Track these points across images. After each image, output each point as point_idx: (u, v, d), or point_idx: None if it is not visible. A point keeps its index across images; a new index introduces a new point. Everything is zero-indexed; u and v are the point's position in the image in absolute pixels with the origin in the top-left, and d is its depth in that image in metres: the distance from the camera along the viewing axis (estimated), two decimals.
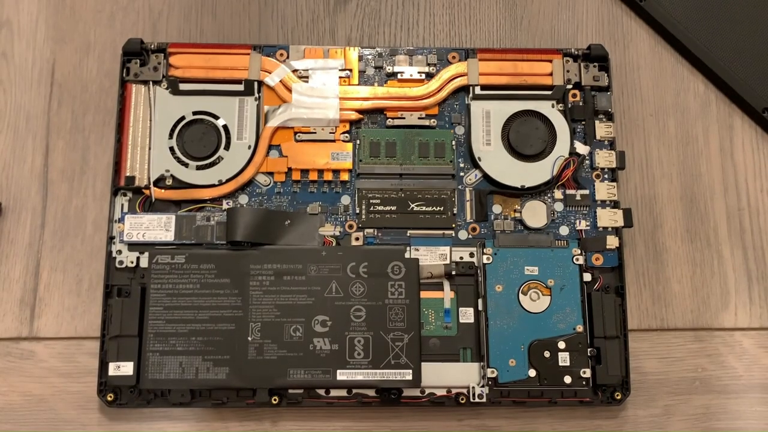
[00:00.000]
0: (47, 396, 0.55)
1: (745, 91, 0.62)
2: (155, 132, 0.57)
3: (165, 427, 0.55)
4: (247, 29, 0.63)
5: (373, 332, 0.53)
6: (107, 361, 0.53)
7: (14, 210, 0.59)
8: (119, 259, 0.55)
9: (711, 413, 0.57)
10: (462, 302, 0.56)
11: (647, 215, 0.61)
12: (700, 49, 0.63)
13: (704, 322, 0.59)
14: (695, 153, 0.62)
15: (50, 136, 0.60)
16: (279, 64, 0.59)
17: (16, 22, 0.62)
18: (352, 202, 0.58)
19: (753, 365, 0.58)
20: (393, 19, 0.64)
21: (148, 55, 0.59)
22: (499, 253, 0.56)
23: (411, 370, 0.53)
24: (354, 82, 0.60)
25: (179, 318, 0.53)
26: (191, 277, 0.54)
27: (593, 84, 0.60)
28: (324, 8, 0.64)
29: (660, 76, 0.64)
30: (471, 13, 0.65)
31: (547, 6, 0.65)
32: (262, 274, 0.54)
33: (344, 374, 0.53)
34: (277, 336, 0.53)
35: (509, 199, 0.58)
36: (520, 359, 0.54)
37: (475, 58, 0.60)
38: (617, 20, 0.65)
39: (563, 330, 0.54)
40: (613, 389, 0.55)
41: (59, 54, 0.62)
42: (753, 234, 0.61)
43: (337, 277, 0.54)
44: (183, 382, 0.52)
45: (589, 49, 0.60)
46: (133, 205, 0.56)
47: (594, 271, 0.56)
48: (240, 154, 0.57)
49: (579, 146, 0.58)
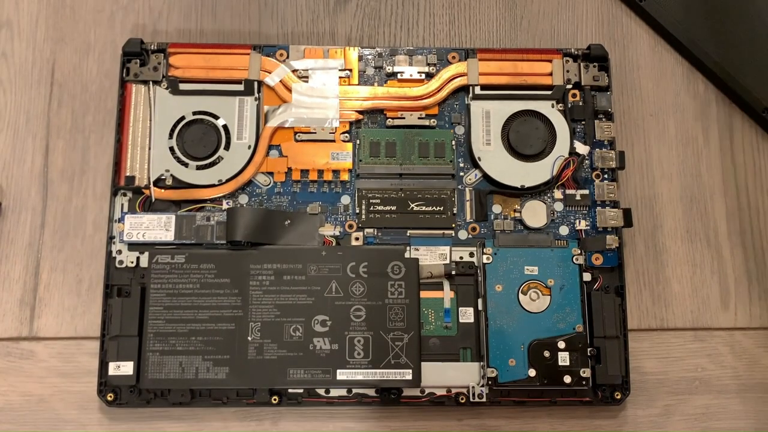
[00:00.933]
0: (47, 396, 0.55)
1: (745, 91, 0.62)
2: (155, 132, 0.57)
3: (165, 427, 0.55)
4: (247, 29, 0.63)
5: (373, 332, 0.53)
6: (107, 361, 0.53)
7: (14, 210, 0.59)
8: (119, 259, 0.55)
9: (711, 413, 0.57)
10: (462, 302, 0.55)
11: (647, 215, 0.61)
12: (700, 49, 0.63)
13: (704, 322, 0.59)
14: (695, 153, 0.62)
15: (50, 136, 0.60)
16: (279, 64, 0.59)
17: (16, 22, 0.62)
18: (352, 202, 0.58)
19: (753, 365, 0.58)
20: (393, 19, 0.64)
21: (148, 55, 0.59)
22: (499, 253, 0.56)
23: (411, 369, 0.53)
24: (354, 82, 0.60)
25: (179, 318, 0.53)
26: (191, 277, 0.54)
27: (593, 84, 0.59)
28: (324, 8, 0.64)
29: (660, 76, 0.64)
30: (471, 13, 0.65)
31: (547, 6, 0.65)
32: (262, 274, 0.54)
33: (344, 374, 0.53)
34: (277, 336, 0.53)
35: (509, 199, 0.58)
36: (520, 359, 0.54)
37: (475, 58, 0.60)
38: (617, 20, 0.65)
39: (563, 330, 0.54)
40: (613, 389, 0.55)
41: (59, 54, 0.62)
42: (753, 234, 0.61)
43: (337, 276, 0.54)
44: (183, 382, 0.52)
45: (589, 49, 0.60)
46: (133, 205, 0.56)
47: (594, 270, 0.56)
48: (240, 154, 0.57)
49: (579, 146, 0.58)
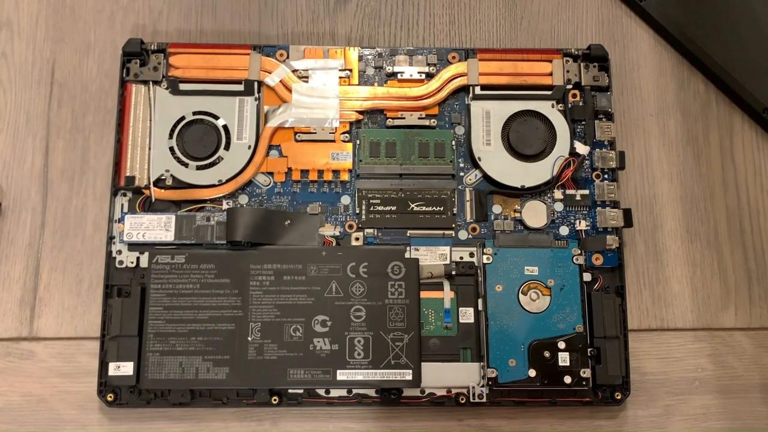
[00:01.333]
0: (47, 396, 0.55)
1: (745, 91, 0.62)
2: (155, 132, 0.57)
3: (165, 427, 0.55)
4: (247, 29, 0.63)
5: (373, 332, 0.53)
6: (107, 361, 0.53)
7: (14, 210, 0.59)
8: (119, 259, 0.55)
9: (711, 413, 0.57)
10: (462, 302, 0.55)
11: (647, 215, 0.61)
12: (700, 49, 0.63)
13: (704, 322, 0.59)
14: (695, 153, 0.62)
15: (50, 136, 0.60)
16: (279, 64, 0.59)
17: (16, 22, 0.62)
18: (352, 202, 0.58)
19: (753, 365, 0.58)
20: (393, 19, 0.64)
21: (148, 55, 0.59)
22: (499, 253, 0.56)
23: (411, 370, 0.53)
24: (354, 82, 0.60)
25: (179, 318, 0.53)
26: (191, 277, 0.54)
27: (593, 84, 0.59)
28: (324, 8, 0.64)
29: (660, 76, 0.64)
30: (471, 13, 0.65)
31: (547, 6, 0.65)
32: (262, 274, 0.54)
33: (344, 374, 0.53)
34: (277, 336, 0.53)
35: (509, 199, 0.58)
36: (520, 359, 0.54)
37: (475, 58, 0.60)
38: (617, 20, 0.65)
39: (563, 330, 0.54)
40: (613, 389, 0.55)
41: (59, 54, 0.62)
42: (753, 234, 0.61)
43: (337, 277, 0.54)
44: (183, 382, 0.52)
45: (589, 49, 0.60)
46: (133, 205, 0.56)
47: (594, 271, 0.56)
48: (240, 154, 0.57)
49: (579, 146, 0.58)
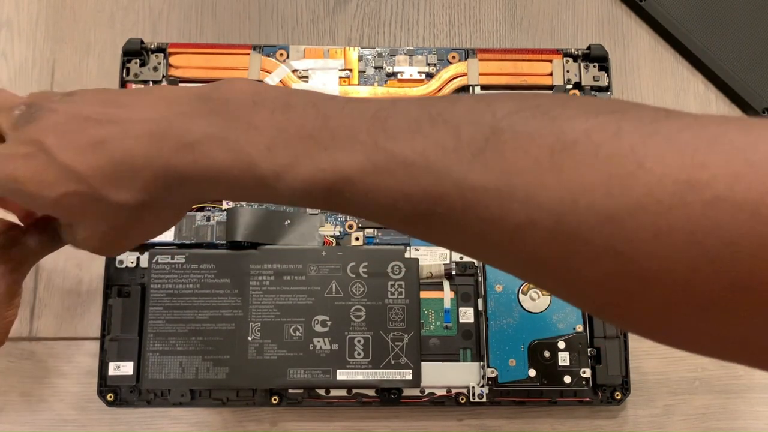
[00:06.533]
0: (47, 396, 0.55)
1: (745, 91, 0.62)
2: None
3: (165, 427, 0.55)
4: (247, 29, 0.63)
5: (373, 332, 0.53)
6: (107, 361, 0.53)
7: None
8: (119, 259, 0.55)
9: (711, 413, 0.57)
10: (462, 302, 0.56)
11: None
12: (700, 49, 0.63)
13: None
14: None
15: None
16: (279, 64, 0.59)
17: (16, 22, 0.62)
18: None
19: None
20: (393, 19, 0.64)
21: (148, 55, 0.59)
22: None
23: (411, 370, 0.53)
24: (354, 82, 0.60)
25: (179, 318, 0.53)
26: (191, 277, 0.54)
27: (593, 84, 0.59)
28: (324, 8, 0.64)
29: (660, 76, 0.64)
30: (471, 13, 0.65)
31: (547, 6, 0.65)
32: (262, 274, 0.54)
33: (344, 374, 0.53)
34: (277, 336, 0.53)
35: None
36: (520, 359, 0.54)
37: (475, 58, 0.60)
38: (617, 20, 0.65)
39: (563, 330, 0.54)
40: (613, 389, 0.55)
41: (59, 54, 0.62)
42: None
43: (337, 277, 0.54)
44: (183, 382, 0.52)
45: (589, 49, 0.60)
46: None
47: None
48: None
49: None
